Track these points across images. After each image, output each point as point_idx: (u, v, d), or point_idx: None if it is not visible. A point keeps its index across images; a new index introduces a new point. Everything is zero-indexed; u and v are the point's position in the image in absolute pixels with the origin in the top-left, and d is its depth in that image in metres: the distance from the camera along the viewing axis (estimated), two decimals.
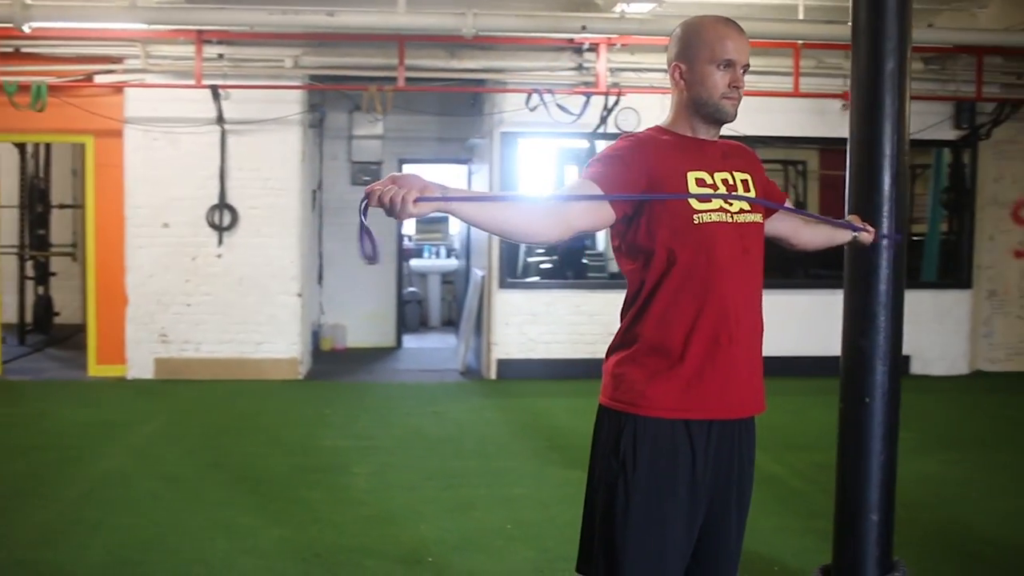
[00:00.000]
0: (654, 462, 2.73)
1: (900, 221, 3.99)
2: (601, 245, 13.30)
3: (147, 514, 5.77)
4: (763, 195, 2.93)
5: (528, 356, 10.41)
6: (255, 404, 9.05)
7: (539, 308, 10.44)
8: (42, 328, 12.41)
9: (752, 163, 2.98)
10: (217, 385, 9.69)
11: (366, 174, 12.27)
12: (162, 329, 9.94)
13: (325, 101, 11.61)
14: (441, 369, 11.11)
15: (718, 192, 2.80)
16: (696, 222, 2.73)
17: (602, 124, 10.02)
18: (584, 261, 11.61)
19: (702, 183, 2.79)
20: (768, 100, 9.54)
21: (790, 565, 5.08)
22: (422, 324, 14.33)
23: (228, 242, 9.98)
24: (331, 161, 12.16)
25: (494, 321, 10.40)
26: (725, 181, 2.83)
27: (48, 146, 12.35)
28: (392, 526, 5.66)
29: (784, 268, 10.30)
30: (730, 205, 2.79)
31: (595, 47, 9.72)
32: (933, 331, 10.70)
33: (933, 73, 10.34)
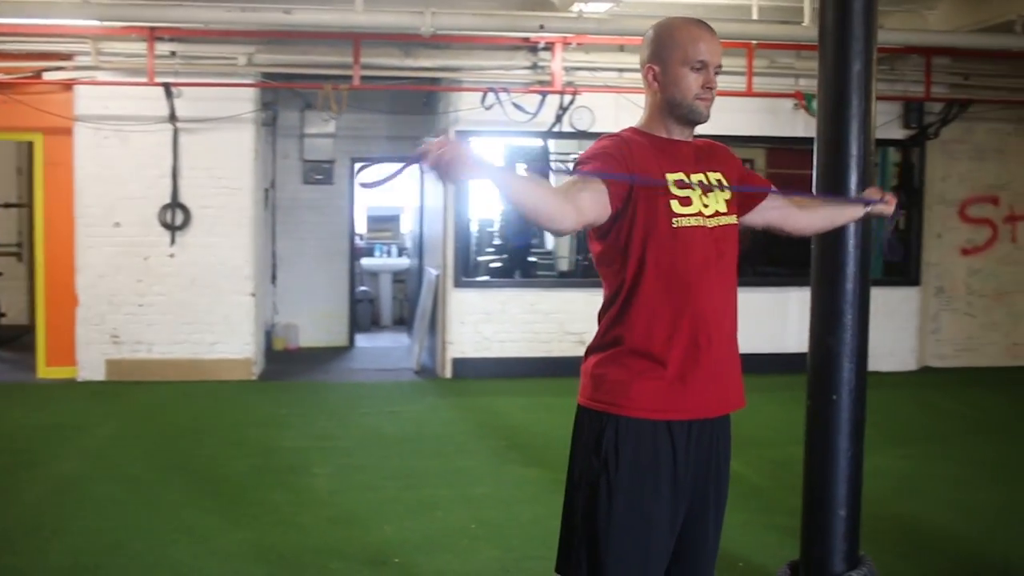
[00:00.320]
0: (636, 461, 2.75)
1: (865, 219, 4.04)
2: (550, 243, 13.35)
3: (108, 518, 5.70)
4: (739, 195, 2.97)
5: (483, 355, 10.41)
6: (210, 405, 8.96)
7: (494, 307, 10.44)
8: None
9: (725, 160, 3.01)
10: (170, 386, 9.58)
11: (318, 173, 12.20)
12: (114, 330, 9.80)
13: (277, 99, 11.52)
14: (396, 368, 11.07)
15: (697, 194, 2.83)
16: (675, 226, 2.76)
17: (557, 123, 10.05)
18: (532, 259, 11.66)
19: (681, 184, 2.82)
20: (721, 99, 9.53)
21: (754, 561, 5.13)
22: (374, 323, 14.26)
23: (181, 242, 9.86)
24: (283, 160, 12.06)
25: (449, 320, 10.38)
26: (701, 182, 2.85)
27: None
28: (356, 527, 5.65)
29: None
30: (706, 208, 2.82)
31: (550, 46, 9.74)
32: (882, 328, 10.75)
33: (882, 73, 10.46)
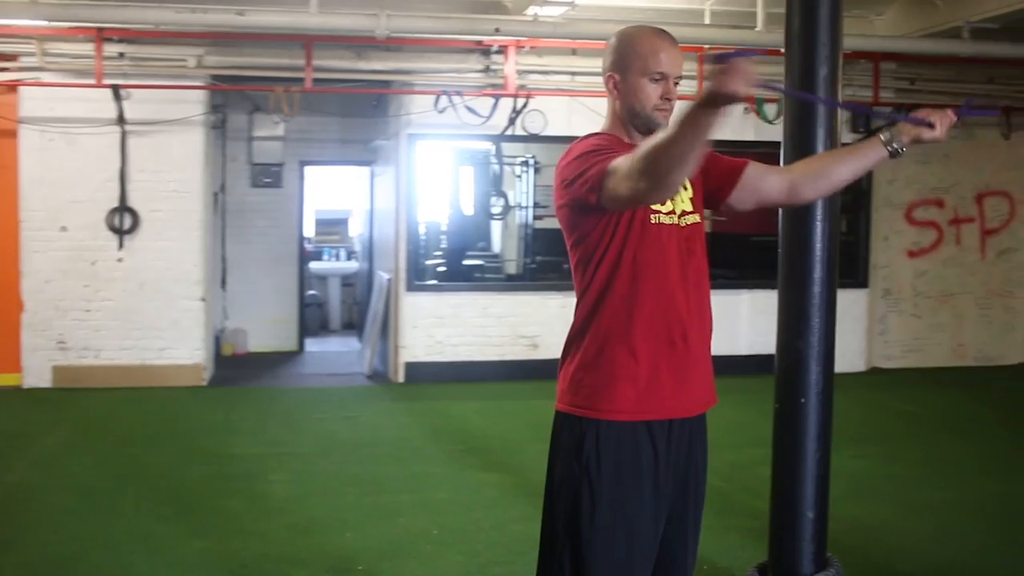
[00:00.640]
0: (618, 465, 2.74)
1: (833, 221, 4.09)
2: (497, 246, 13.36)
3: (63, 529, 5.58)
4: (719, 174, 2.94)
5: (436, 359, 10.37)
6: (161, 412, 8.82)
7: (446, 311, 10.41)
8: None
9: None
10: (119, 393, 9.42)
11: (267, 176, 12.10)
12: (60, 336, 9.63)
13: (226, 102, 11.40)
14: (347, 373, 11.00)
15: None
16: (653, 222, 2.76)
17: (510, 126, 10.04)
18: (475, 263, 11.71)
19: None
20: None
21: (718, 564, 5.15)
22: (323, 327, 14.17)
23: (129, 246, 9.71)
24: (231, 163, 11.94)
25: (401, 324, 10.33)
26: None
27: None
28: (317, 534, 5.59)
29: None
30: (676, 208, 2.82)
31: (503, 49, 9.73)
32: None
33: None
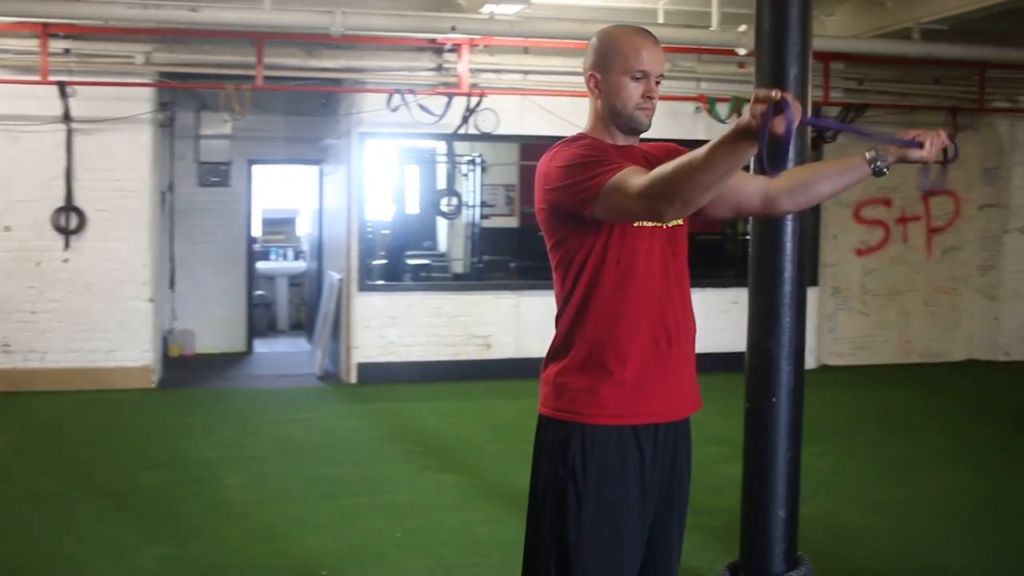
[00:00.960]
0: (604, 468, 2.71)
1: (802, 222, 4.10)
2: (443, 246, 13.33)
3: (15, 537, 5.45)
4: None
5: (388, 359, 10.29)
6: (111, 415, 8.66)
7: (398, 311, 10.34)
8: None
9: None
10: (66, 396, 9.22)
11: (214, 175, 11.93)
12: (4, 339, 9.41)
13: (174, 100, 11.21)
14: (298, 374, 10.89)
15: None
16: (636, 224, 2.72)
17: (463, 125, 9.98)
18: (424, 262, 11.69)
19: None
20: None
21: (684, 563, 5.11)
22: (270, 328, 14.03)
23: (75, 246, 9.52)
24: (179, 162, 11.76)
25: (353, 324, 10.24)
26: None
27: None
28: (278, 539, 5.50)
29: None
30: None
31: (456, 48, 9.68)
32: None
33: None
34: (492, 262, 12.15)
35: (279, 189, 14.89)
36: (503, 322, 10.50)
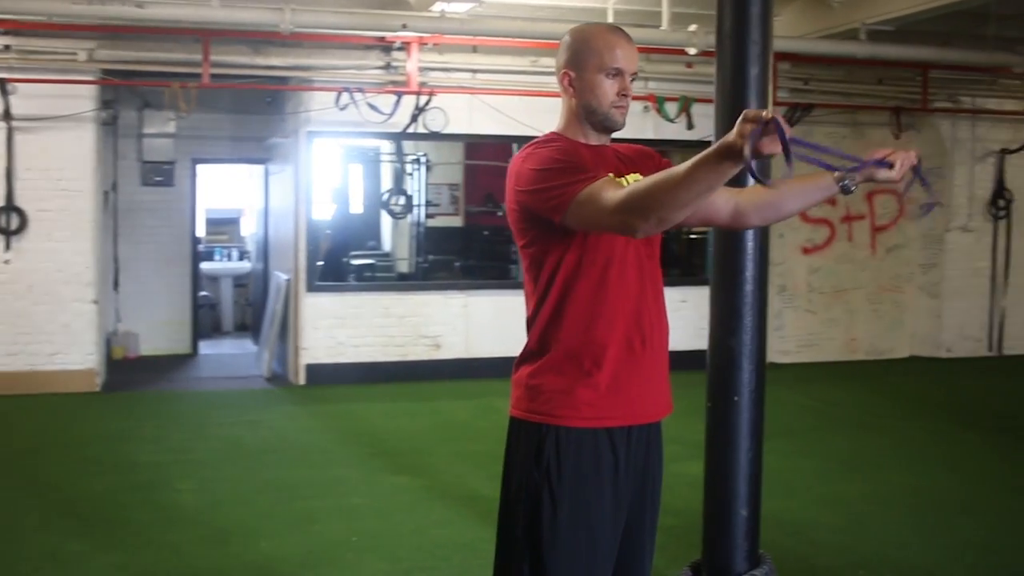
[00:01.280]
0: (579, 471, 2.69)
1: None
2: (388, 245, 13.27)
3: None
4: None
5: (338, 360, 10.20)
6: (55, 420, 8.50)
7: (347, 311, 10.26)
8: None
9: (647, 164, 2.93)
10: (8, 401, 9.02)
11: (158, 174, 11.75)
12: None
13: (116, 98, 11.02)
14: (245, 376, 10.78)
15: None
16: None
17: (413, 123, 9.92)
18: (369, 262, 11.63)
19: None
20: None
21: None
22: (215, 329, 13.86)
23: (16, 247, 9.33)
24: (121, 161, 11.56)
25: (301, 325, 10.14)
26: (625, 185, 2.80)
27: None
28: (231, 544, 5.42)
29: None
30: None
31: (406, 46, 9.61)
32: None
33: None
34: (437, 262, 12.13)
35: (223, 189, 14.74)
36: (452, 322, 10.46)
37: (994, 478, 6.95)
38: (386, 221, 13.06)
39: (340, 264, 11.48)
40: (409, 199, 11.45)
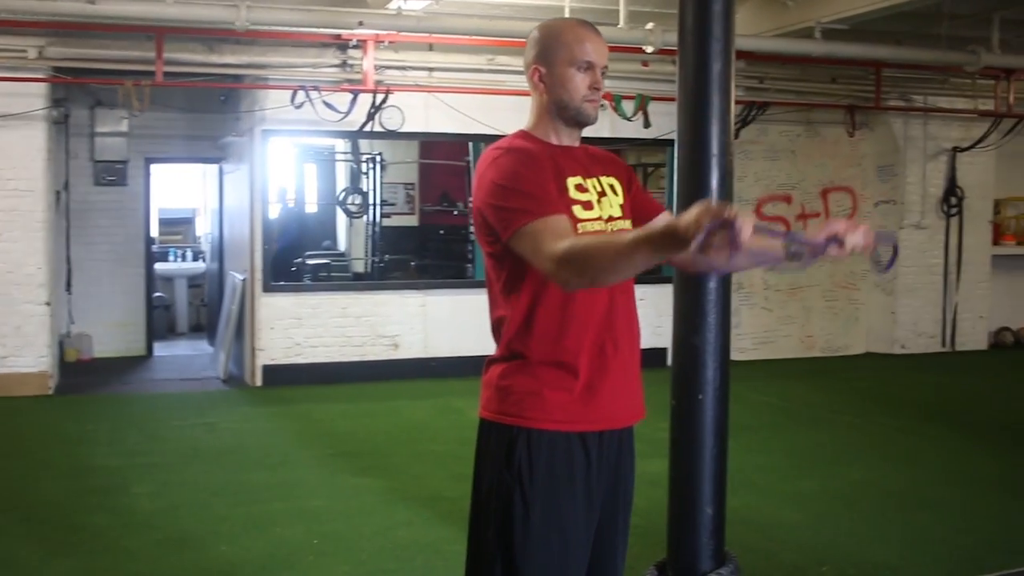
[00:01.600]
0: (551, 472, 2.67)
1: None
2: (343, 245, 13.20)
3: None
4: (633, 203, 2.90)
5: (295, 361, 10.12)
6: (7, 424, 8.35)
7: (305, 311, 10.18)
8: None
9: (619, 169, 2.92)
10: None
11: (110, 174, 11.60)
12: None
13: (68, 96, 10.86)
14: (201, 377, 10.66)
15: (595, 198, 2.75)
16: (580, 231, 2.67)
17: (369, 122, 9.85)
18: (324, 261, 11.56)
19: (581, 188, 2.74)
20: (524, 100, 9.63)
21: None
22: (170, 331, 13.70)
23: None
24: (73, 160, 11.39)
25: (258, 326, 10.05)
26: (594, 186, 2.79)
27: None
28: (190, 549, 5.34)
29: None
30: (603, 213, 2.75)
31: (362, 44, 9.54)
32: None
33: None
34: (393, 261, 12.09)
35: (177, 188, 14.58)
36: (410, 322, 10.41)
37: (951, 472, 7.02)
38: (342, 220, 12.98)
39: (296, 264, 11.40)
40: (365, 197, 11.38)
